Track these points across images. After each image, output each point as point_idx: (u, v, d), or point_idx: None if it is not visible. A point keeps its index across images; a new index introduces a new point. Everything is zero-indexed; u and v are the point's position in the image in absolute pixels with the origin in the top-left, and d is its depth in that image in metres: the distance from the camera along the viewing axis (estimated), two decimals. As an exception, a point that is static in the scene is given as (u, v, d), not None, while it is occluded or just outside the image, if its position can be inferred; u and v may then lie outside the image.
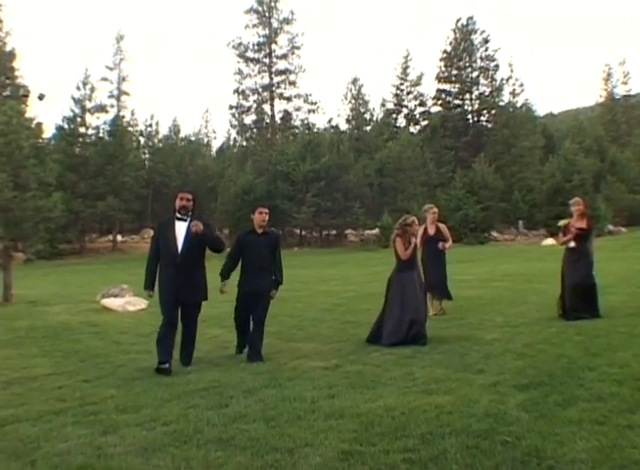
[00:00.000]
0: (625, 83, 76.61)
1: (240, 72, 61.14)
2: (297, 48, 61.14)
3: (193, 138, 69.48)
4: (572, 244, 10.08)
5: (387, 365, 6.91)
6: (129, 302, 13.23)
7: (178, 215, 7.46)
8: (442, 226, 11.59)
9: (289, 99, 62.17)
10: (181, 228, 7.40)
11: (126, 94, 58.51)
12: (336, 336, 9.23)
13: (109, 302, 13.47)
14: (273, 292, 8.11)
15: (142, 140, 61.76)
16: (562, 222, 10.50)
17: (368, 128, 62.16)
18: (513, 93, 59.11)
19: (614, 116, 74.92)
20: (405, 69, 62.67)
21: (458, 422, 4.65)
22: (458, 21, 60.93)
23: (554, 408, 4.89)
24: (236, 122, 62.95)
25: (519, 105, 59.33)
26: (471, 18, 60.99)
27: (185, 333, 7.58)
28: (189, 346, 7.62)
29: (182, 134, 67.98)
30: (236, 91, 61.24)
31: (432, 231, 11.30)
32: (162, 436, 4.68)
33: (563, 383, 5.71)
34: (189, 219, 7.43)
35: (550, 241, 39.17)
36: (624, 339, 7.73)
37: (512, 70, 59.28)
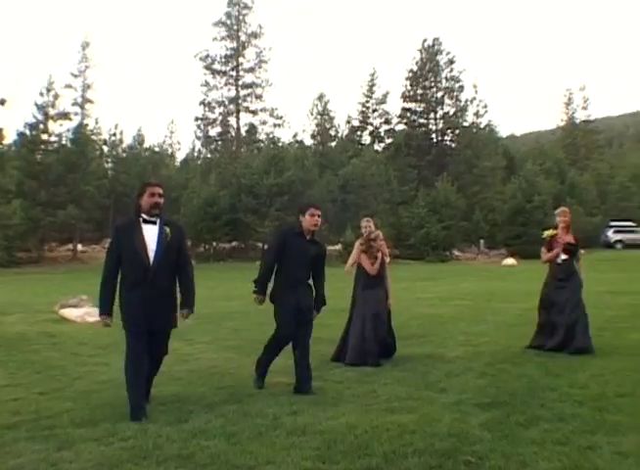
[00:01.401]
0: (585, 108, 77.90)
1: (206, 84, 60.89)
2: (265, 62, 61.13)
3: (157, 149, 68.77)
4: (563, 257, 8.66)
5: (349, 382, 6.87)
6: (88, 312, 12.97)
7: (145, 217, 5.76)
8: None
9: (254, 112, 62.05)
10: (151, 233, 5.72)
11: (90, 102, 57.76)
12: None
13: (67, 312, 13.19)
14: (315, 314, 6.89)
15: (105, 149, 60.89)
16: (547, 233, 8.90)
17: (333, 144, 62.21)
18: (476, 114, 59.75)
19: (573, 139, 76.18)
20: (371, 86, 62.95)
21: (421, 441, 4.63)
22: (424, 41, 61.48)
23: (516, 428, 4.91)
24: (201, 134, 62.59)
25: (482, 126, 60.03)
26: (437, 39, 61.59)
27: (151, 366, 5.92)
28: (151, 380, 6.07)
29: (146, 144, 67.20)
30: (202, 103, 60.93)
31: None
32: (120, 451, 4.56)
33: (524, 403, 5.75)
34: (159, 222, 5.80)
35: (510, 261, 39.66)
36: (583, 360, 7.83)
37: (476, 92, 59.97)
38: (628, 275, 24.14)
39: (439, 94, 61.10)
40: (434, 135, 61.86)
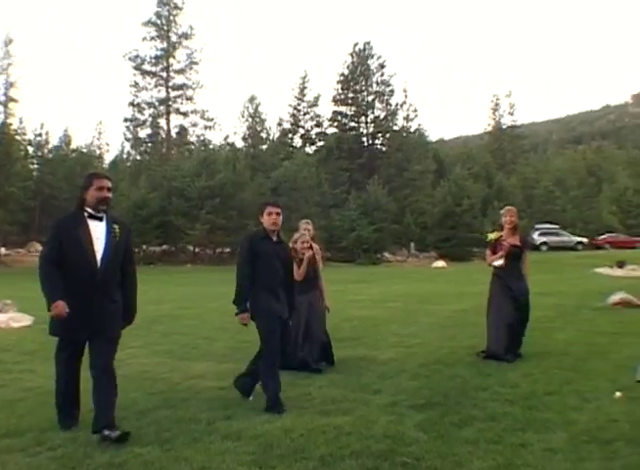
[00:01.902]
0: (511, 114, 79.89)
1: (136, 85, 59.84)
2: (196, 63, 60.48)
3: (85, 150, 67.31)
4: (500, 262, 8.21)
5: (283, 386, 6.79)
6: (13, 318, 12.56)
7: (91, 212, 5.13)
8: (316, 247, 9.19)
9: (185, 114, 61.34)
10: (97, 231, 5.10)
11: (14, 101, 56.10)
12: (231, 355, 9.04)
13: (-10, 318, 12.78)
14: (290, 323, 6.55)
15: (30, 149, 59.28)
16: (491, 236, 8.47)
17: (264, 147, 62.08)
18: (407, 118, 60.54)
19: (500, 144, 78.07)
20: (302, 89, 63.09)
21: (357, 443, 4.63)
22: (355, 45, 62.00)
23: (451, 428, 4.96)
24: (130, 136, 61.48)
25: (412, 130, 60.91)
26: (368, 43, 62.18)
27: (100, 382, 5.03)
28: (110, 398, 5.08)
29: (73, 145, 65.71)
30: (131, 104, 59.86)
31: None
32: (48, 462, 4.42)
33: (458, 403, 5.82)
34: (106, 218, 5.21)
35: (440, 263, 40.31)
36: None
37: (406, 96, 60.81)
38: (554, 276, 24.78)
39: (370, 98, 61.64)
40: (364, 138, 62.36)
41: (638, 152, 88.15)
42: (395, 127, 60.80)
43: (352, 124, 62.38)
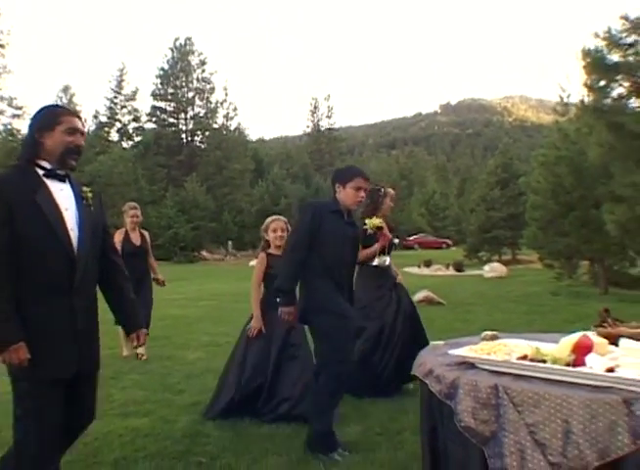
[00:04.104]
0: (329, 117, 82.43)
1: None
2: (2, 46, 56.87)
3: None
4: (387, 260, 6.27)
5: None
6: None
7: (50, 167, 3.23)
8: (146, 233, 8.93)
9: (-10, 101, 57.63)
10: (62, 197, 3.23)
11: None
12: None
13: None
14: None
15: None
16: (371, 222, 6.17)
17: (79, 139, 59.68)
18: (227, 116, 60.68)
19: (319, 146, 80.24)
20: (120, 82, 61.24)
21: (154, 445, 4.57)
22: (176, 40, 61.16)
23: (250, 426, 5.01)
24: None
25: (232, 128, 61.05)
26: (189, 38, 61.54)
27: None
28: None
29: None
30: None
31: (137, 241, 8.52)
32: None
33: (261, 400, 5.89)
34: (69, 179, 3.34)
35: (253, 263, 40.54)
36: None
37: (226, 94, 61.13)
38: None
39: (190, 94, 61.04)
40: (184, 135, 61.66)
41: (445, 158, 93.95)
42: (215, 125, 60.65)
43: (172, 120, 61.49)
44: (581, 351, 2.38)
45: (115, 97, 61.43)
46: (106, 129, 61.67)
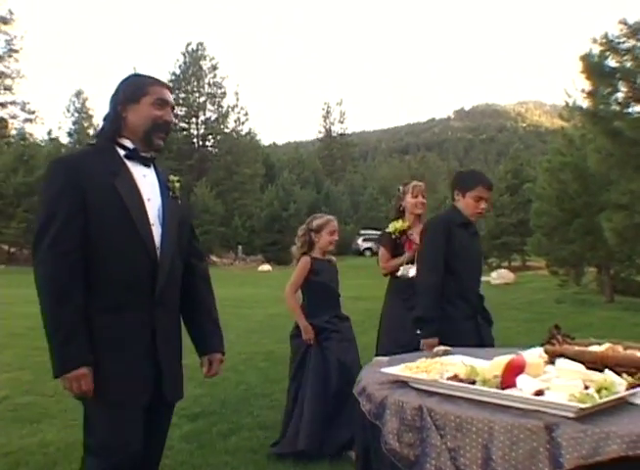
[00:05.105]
0: (342, 122, 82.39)
1: (-52, 72, 55.94)
2: (16, 51, 57.27)
3: None
4: (413, 271, 4.82)
5: (60, 396, 6.51)
6: None
7: (133, 147, 2.78)
8: None
9: (3, 105, 57.89)
10: (147, 185, 2.76)
11: None
12: (17, 363, 8.53)
13: None
14: None
15: None
16: (394, 226, 5.33)
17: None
18: (238, 121, 60.68)
19: (331, 151, 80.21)
20: (131, 86, 61.48)
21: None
22: (188, 45, 61.31)
23: (216, 438, 4.92)
24: (-59, 126, 57.34)
25: (243, 133, 61.06)
26: (201, 43, 61.61)
27: None
28: None
29: None
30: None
31: None
32: None
33: (235, 411, 5.80)
34: (154, 166, 2.88)
35: (266, 267, 40.56)
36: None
37: (238, 99, 60.95)
38: (372, 281, 25.53)
39: (202, 99, 61.12)
40: (195, 140, 61.72)
41: (458, 164, 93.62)
42: (226, 130, 60.67)
43: (183, 125, 61.52)
44: (513, 371, 2.26)
45: (127, 101, 61.65)
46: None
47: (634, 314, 15.18)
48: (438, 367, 2.51)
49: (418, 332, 4.03)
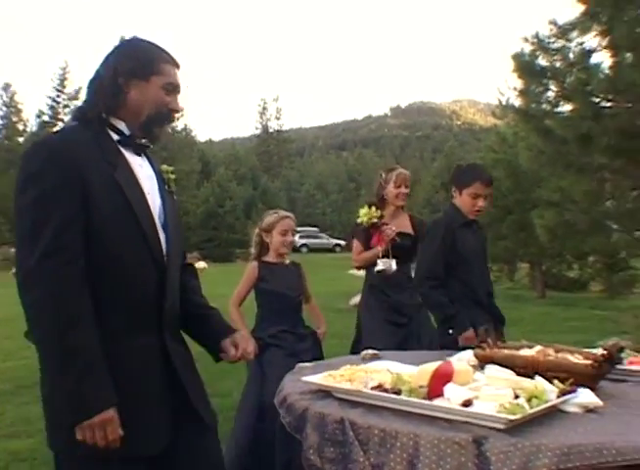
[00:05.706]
0: (278, 118, 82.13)
1: None
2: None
3: None
4: (393, 265, 4.64)
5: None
6: None
7: (128, 133, 2.18)
8: None
9: None
10: (144, 176, 2.21)
11: None
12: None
13: None
14: None
15: None
16: (364, 213, 4.87)
17: (21, 139, 58.26)
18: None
19: (267, 147, 79.91)
20: (62, 80, 59.94)
21: None
22: (121, 39, 60.17)
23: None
24: None
25: (179, 129, 60.21)
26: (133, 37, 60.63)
27: None
28: None
29: None
30: None
31: None
32: None
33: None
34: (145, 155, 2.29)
35: (202, 264, 39.93)
36: (234, 367, 7.83)
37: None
38: (310, 278, 25.51)
39: (136, 94, 60.11)
40: (130, 136, 60.66)
41: (394, 160, 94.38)
42: (162, 126, 59.78)
43: (117, 120, 60.46)
44: (440, 379, 2.13)
45: (58, 95, 60.15)
46: (48, 129, 60.32)
47: (564, 309, 15.46)
48: (363, 375, 2.37)
49: (450, 332, 3.76)
